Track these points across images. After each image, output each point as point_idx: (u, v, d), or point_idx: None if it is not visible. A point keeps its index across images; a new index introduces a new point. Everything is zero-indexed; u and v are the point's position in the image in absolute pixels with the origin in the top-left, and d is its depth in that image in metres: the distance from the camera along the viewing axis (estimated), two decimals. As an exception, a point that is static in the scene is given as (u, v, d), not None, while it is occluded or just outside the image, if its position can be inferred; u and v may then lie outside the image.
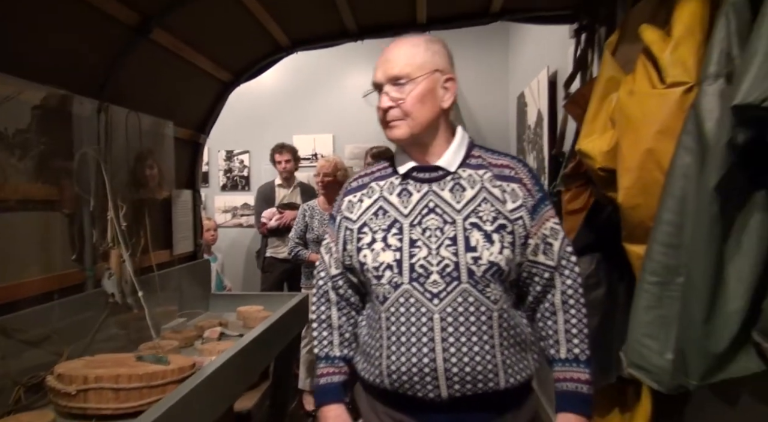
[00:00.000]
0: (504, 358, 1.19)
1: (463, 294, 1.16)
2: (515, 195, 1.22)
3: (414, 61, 1.19)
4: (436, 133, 1.24)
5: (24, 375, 1.45)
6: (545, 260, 1.23)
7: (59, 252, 1.71)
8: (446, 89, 1.22)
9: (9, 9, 1.37)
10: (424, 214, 1.22)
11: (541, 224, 1.23)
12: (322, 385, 1.34)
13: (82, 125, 1.73)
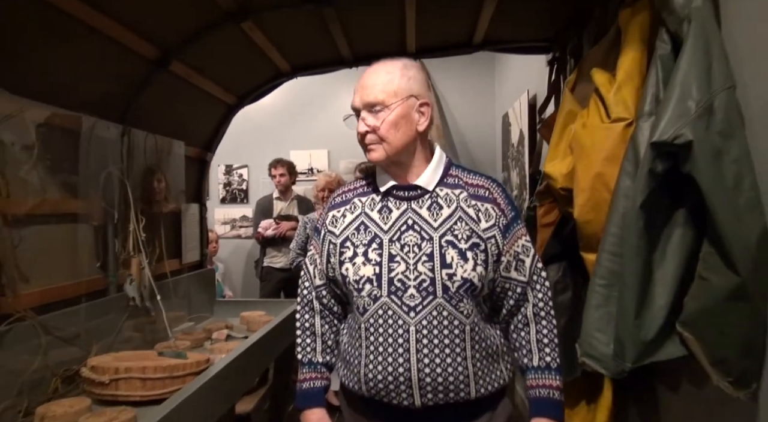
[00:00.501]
0: (475, 370, 1.24)
1: (437, 308, 1.21)
2: (488, 214, 1.27)
3: (389, 88, 1.23)
4: (413, 154, 1.29)
5: (59, 368, 1.65)
6: (517, 276, 1.29)
7: (86, 260, 1.91)
8: (421, 113, 1.27)
9: (46, 45, 1.59)
10: (402, 231, 1.27)
11: (513, 242, 1.29)
12: (304, 389, 1.37)
13: (107, 147, 1.95)
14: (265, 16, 2.05)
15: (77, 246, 1.86)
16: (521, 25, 2.52)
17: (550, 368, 1.27)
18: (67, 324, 1.74)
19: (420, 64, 1.32)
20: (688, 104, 1.14)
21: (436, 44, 2.75)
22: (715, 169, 1.11)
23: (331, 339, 1.40)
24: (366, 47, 2.69)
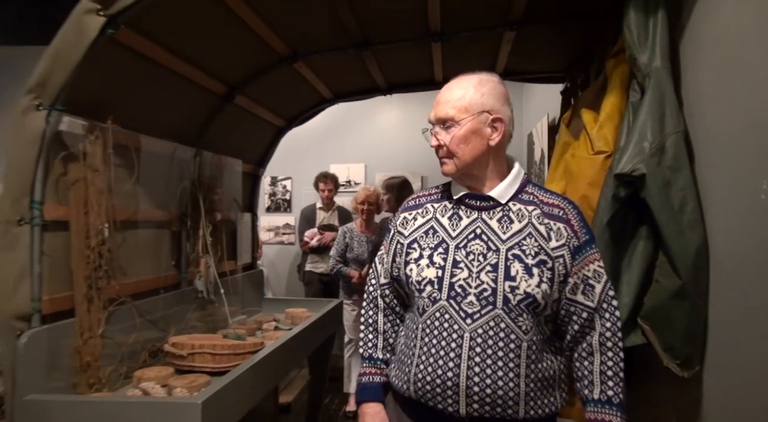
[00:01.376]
0: (527, 390, 1.21)
1: (495, 319, 1.21)
2: (560, 234, 1.26)
3: (460, 104, 1.26)
4: (486, 167, 1.31)
5: (147, 343, 2.06)
6: (584, 300, 1.27)
7: (165, 258, 2.33)
8: (494, 128, 1.28)
9: (144, 89, 2.02)
10: (470, 239, 1.28)
11: (584, 265, 1.27)
12: (363, 383, 1.41)
13: (184, 166, 2.37)
14: (314, 57, 2.45)
15: (159, 247, 2.28)
16: (537, 58, 2.83)
17: (611, 403, 1.23)
18: (152, 309, 2.16)
19: (499, 78, 1.33)
20: (644, 145, 1.45)
21: (402, 79, 3.06)
22: (664, 195, 1.42)
23: (393, 337, 1.42)
24: (399, 77, 3.06)
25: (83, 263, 1.71)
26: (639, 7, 1.57)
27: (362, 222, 3.90)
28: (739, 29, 1.30)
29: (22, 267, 1.50)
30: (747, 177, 1.24)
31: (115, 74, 1.74)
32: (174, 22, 1.74)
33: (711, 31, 1.43)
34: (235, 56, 2.24)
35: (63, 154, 1.63)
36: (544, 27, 2.27)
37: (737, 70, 1.30)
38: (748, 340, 1.24)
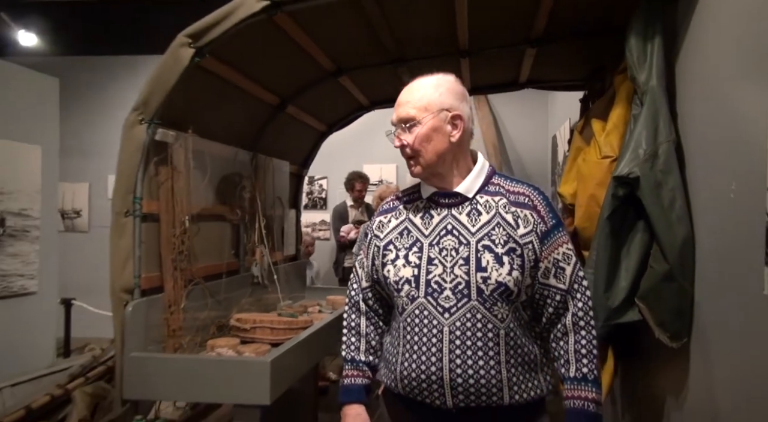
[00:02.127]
0: (510, 375, 1.25)
1: (471, 311, 1.25)
2: (527, 220, 1.29)
3: (420, 104, 1.29)
4: (451, 164, 1.34)
5: (215, 319, 2.42)
6: (556, 283, 1.30)
7: (227, 248, 2.69)
8: (454, 125, 1.31)
9: (213, 102, 2.37)
10: (442, 235, 1.32)
11: (553, 249, 1.30)
12: (346, 385, 1.43)
13: (243, 168, 2.73)
14: (355, 72, 2.77)
15: (222, 238, 2.64)
16: (558, 69, 3.09)
17: (586, 379, 1.26)
18: (217, 290, 2.51)
19: (455, 78, 1.37)
20: (639, 151, 1.72)
21: (487, 83, 3.37)
22: (655, 195, 1.69)
23: (375, 339, 1.45)
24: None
25: (170, 248, 2.07)
26: (639, 34, 1.84)
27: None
28: (721, 55, 1.56)
29: (127, 250, 1.86)
30: (722, 179, 1.50)
31: (195, 91, 2.09)
32: (242, 47, 2.08)
33: (699, 55, 1.69)
34: (288, 72, 2.58)
35: (156, 159, 1.99)
36: (561, 43, 2.54)
37: (720, 89, 1.56)
38: (726, 315, 1.51)
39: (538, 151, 5.55)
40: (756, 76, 1.30)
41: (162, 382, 1.81)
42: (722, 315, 1.53)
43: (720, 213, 1.53)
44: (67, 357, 4.22)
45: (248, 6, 1.77)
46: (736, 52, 1.45)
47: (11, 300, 3.60)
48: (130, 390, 1.82)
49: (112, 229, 1.85)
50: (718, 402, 1.53)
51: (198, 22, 1.82)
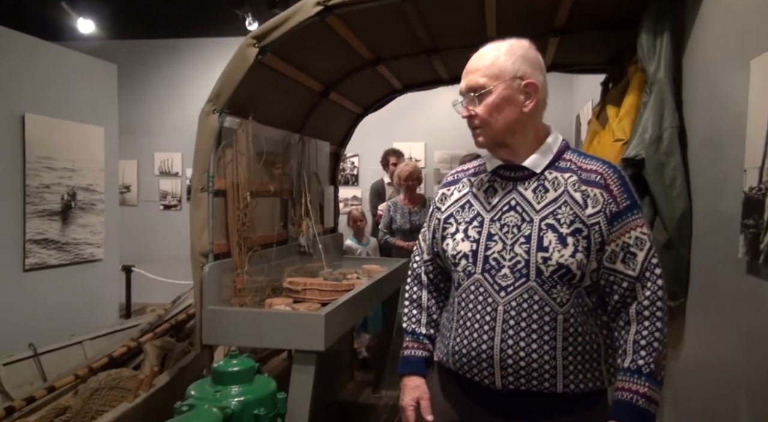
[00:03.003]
0: (566, 363, 1.20)
1: (528, 292, 1.20)
2: (596, 200, 1.20)
3: (490, 72, 1.23)
4: (520, 136, 1.26)
5: (270, 282, 2.77)
6: (624, 269, 1.20)
7: (277, 220, 3.03)
8: (527, 95, 1.23)
9: (269, 91, 2.67)
10: (504, 211, 1.26)
11: (624, 232, 1.20)
12: (405, 357, 1.42)
13: (291, 149, 3.04)
14: (392, 61, 3.04)
15: (274, 211, 2.98)
16: (580, 54, 3.30)
17: (640, 372, 1.17)
18: (269, 258, 2.86)
19: (530, 44, 1.29)
20: (645, 136, 1.97)
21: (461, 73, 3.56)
22: (658, 174, 1.94)
23: (436, 313, 1.42)
24: (460, 70, 3.59)
25: (235, 220, 2.41)
26: (649, 29, 2.07)
27: (406, 195, 4.34)
28: (717, 49, 1.79)
29: (203, 220, 2.21)
30: (715, 161, 1.75)
31: (255, 83, 2.40)
32: (295, 44, 2.37)
33: (701, 49, 1.92)
34: (332, 62, 2.87)
35: (224, 143, 2.32)
36: (581, 34, 2.76)
37: (716, 80, 1.79)
38: (714, 276, 1.77)
39: (563, 128, 5.72)
40: (738, 69, 1.54)
41: (235, 331, 2.17)
42: (711, 277, 1.79)
43: (712, 190, 1.78)
44: (128, 318, 4.69)
45: (305, 11, 2.06)
46: (728, 47, 1.68)
47: (82, 265, 4.04)
48: (208, 337, 2.19)
49: (192, 203, 2.20)
50: (710, 348, 1.81)
51: (262, 25, 2.11)
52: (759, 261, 1.37)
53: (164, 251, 6.34)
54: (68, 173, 3.89)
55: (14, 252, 3.50)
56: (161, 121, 6.55)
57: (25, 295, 3.54)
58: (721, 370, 1.69)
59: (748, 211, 1.44)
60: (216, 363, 1.36)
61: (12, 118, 3.47)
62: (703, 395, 1.83)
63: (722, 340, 1.70)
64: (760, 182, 1.37)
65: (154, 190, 6.65)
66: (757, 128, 1.38)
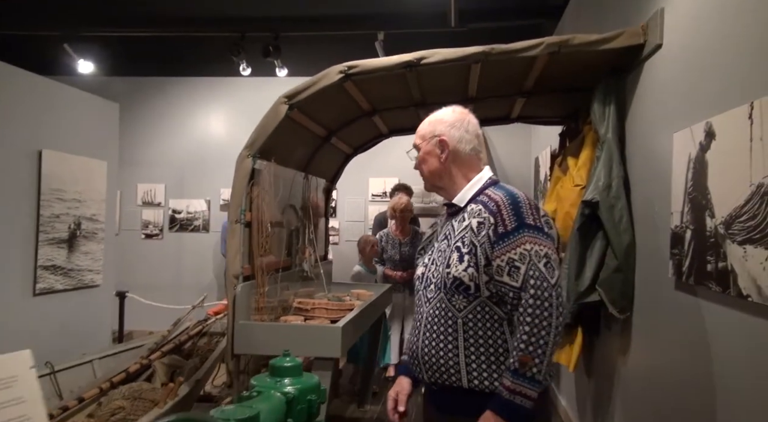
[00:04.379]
0: (468, 361, 1.42)
1: (439, 301, 1.49)
2: (486, 224, 1.44)
3: (420, 133, 1.63)
4: (448, 180, 1.58)
5: (281, 303, 3.14)
6: (510, 281, 1.40)
7: (283, 248, 3.42)
8: (442, 148, 1.56)
9: (286, 138, 3.11)
10: (441, 240, 1.57)
11: (510, 249, 1.40)
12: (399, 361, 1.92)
13: (297, 186, 3.47)
14: (386, 112, 3.54)
15: (281, 240, 3.37)
16: (542, 109, 3.90)
17: (509, 369, 1.37)
18: (279, 282, 3.24)
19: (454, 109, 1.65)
20: (599, 184, 2.51)
21: (485, 118, 4.14)
22: (609, 213, 2.48)
23: None
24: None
25: (258, 248, 2.80)
26: (600, 101, 2.65)
27: (397, 226, 4.80)
28: (650, 116, 2.37)
29: (236, 247, 2.60)
30: (651, 202, 2.30)
31: (279, 132, 2.84)
32: (311, 99, 2.83)
33: (639, 116, 2.50)
34: (337, 113, 3.34)
35: (252, 182, 2.73)
36: (546, 96, 3.34)
37: (648, 141, 2.36)
38: (652, 293, 2.30)
39: (523, 170, 6.38)
40: (665, 139, 2.10)
41: (264, 341, 2.54)
42: (650, 294, 2.32)
43: (649, 225, 2.33)
44: (120, 342, 4.88)
45: (330, 77, 2.53)
46: (656, 120, 2.26)
47: (82, 291, 4.27)
48: (239, 347, 2.54)
49: (228, 233, 2.59)
50: (652, 356, 2.32)
51: (293, 88, 2.57)
52: (683, 279, 1.90)
53: (146, 278, 6.53)
54: (75, 204, 4.16)
55: (26, 277, 3.73)
56: (145, 153, 6.82)
57: (35, 318, 3.75)
58: (661, 370, 2.20)
59: (674, 243, 1.97)
60: (273, 360, 1.66)
61: (31, 153, 3.75)
62: (649, 394, 2.33)
63: (660, 343, 2.22)
64: (681, 222, 1.90)
65: (137, 219, 6.86)
66: (678, 184, 1.93)
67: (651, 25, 2.29)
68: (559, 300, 1.37)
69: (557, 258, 1.44)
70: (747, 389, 1.51)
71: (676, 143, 1.99)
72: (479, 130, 1.64)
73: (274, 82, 6.38)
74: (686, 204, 1.86)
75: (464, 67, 2.75)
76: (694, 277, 1.80)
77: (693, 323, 1.85)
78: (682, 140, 1.93)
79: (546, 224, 1.46)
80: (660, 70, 2.25)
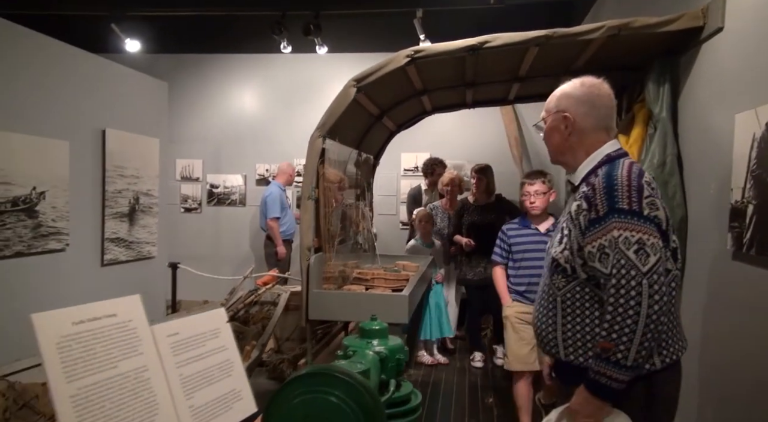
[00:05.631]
0: (565, 337, 1.49)
1: (545, 279, 1.59)
2: (581, 207, 1.46)
3: (548, 106, 1.62)
4: (570, 155, 1.58)
5: (341, 273, 3.34)
6: (600, 267, 1.40)
7: (339, 222, 3.60)
8: (565, 125, 1.55)
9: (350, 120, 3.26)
10: (564, 216, 1.60)
11: (601, 235, 1.40)
12: None
13: (350, 162, 3.63)
14: (434, 92, 3.67)
15: (338, 215, 3.55)
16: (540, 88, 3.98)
17: (594, 353, 1.41)
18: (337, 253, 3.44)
19: (583, 82, 1.59)
20: (654, 161, 2.64)
21: (527, 95, 4.25)
22: (664, 189, 2.61)
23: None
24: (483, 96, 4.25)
25: (325, 221, 2.99)
26: (654, 81, 2.75)
27: (447, 200, 4.88)
28: (705, 96, 2.48)
29: (309, 222, 2.78)
30: (706, 181, 2.43)
31: (345, 113, 2.99)
32: (377, 82, 2.96)
33: (692, 96, 2.61)
34: (392, 93, 3.48)
35: (320, 160, 2.90)
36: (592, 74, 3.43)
37: (705, 119, 2.48)
38: (711, 266, 2.45)
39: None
40: (725, 120, 2.22)
41: (336, 308, 2.75)
42: (704, 265, 2.47)
43: (703, 201, 2.47)
44: (174, 311, 5.15)
45: (397, 61, 2.67)
46: (715, 101, 2.37)
47: (141, 262, 4.51)
48: (313, 313, 2.76)
49: (302, 208, 2.77)
50: (704, 324, 2.49)
51: (362, 71, 2.71)
52: (743, 250, 2.05)
53: (187, 251, 6.79)
54: (134, 180, 4.36)
55: (95, 249, 3.96)
56: (182, 129, 7.00)
57: (102, 288, 4.00)
58: (716, 339, 2.36)
59: (734, 217, 2.12)
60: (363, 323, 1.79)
61: (95, 132, 3.94)
62: (707, 363, 2.50)
63: (715, 311, 2.38)
64: (743, 197, 2.05)
65: (176, 194, 7.08)
66: (741, 162, 2.06)
67: (712, 8, 2.39)
68: (654, 288, 1.33)
69: (657, 243, 1.37)
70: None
71: (738, 123, 2.11)
72: (612, 100, 1.61)
73: (309, 58, 6.48)
74: (749, 180, 2.00)
75: (522, 49, 2.86)
76: (756, 248, 1.95)
77: (752, 290, 2.01)
78: (745, 120, 2.05)
79: (649, 206, 1.41)
80: (720, 52, 2.36)
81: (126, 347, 0.99)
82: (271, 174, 6.85)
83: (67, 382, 0.85)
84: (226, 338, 1.16)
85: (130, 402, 0.95)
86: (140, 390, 0.97)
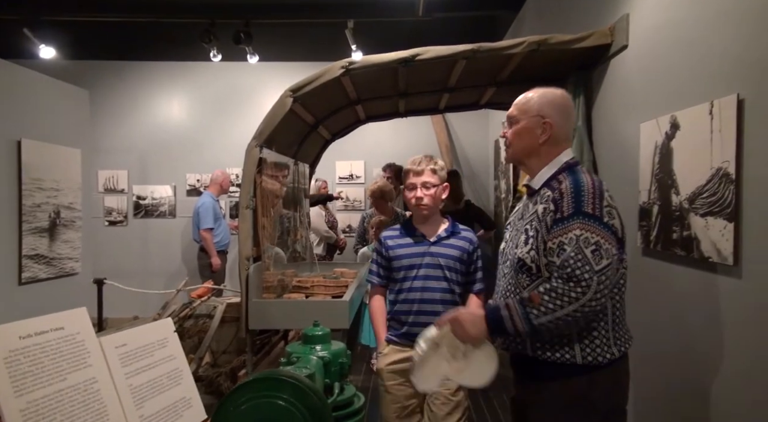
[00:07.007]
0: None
1: (509, 278, 1.62)
2: (548, 211, 1.51)
3: (523, 107, 1.65)
4: (536, 159, 1.63)
5: (281, 281, 3.34)
6: (554, 259, 1.48)
7: (275, 231, 3.60)
8: (543, 130, 1.59)
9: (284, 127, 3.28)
10: (518, 219, 1.68)
11: (564, 233, 1.46)
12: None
13: (291, 172, 3.64)
14: (368, 102, 3.76)
15: (275, 223, 3.55)
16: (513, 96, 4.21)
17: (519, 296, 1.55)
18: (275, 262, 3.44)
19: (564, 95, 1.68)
20: (572, 166, 2.86)
21: (456, 104, 4.44)
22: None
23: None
24: (412, 105, 4.40)
25: (263, 231, 2.99)
26: (571, 92, 2.96)
27: (377, 210, 4.88)
28: (614, 106, 2.73)
29: (247, 231, 2.78)
30: (618, 183, 2.67)
31: (282, 122, 3.01)
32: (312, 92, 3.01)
33: (603, 106, 2.86)
34: (327, 102, 3.53)
35: (258, 169, 2.90)
36: (516, 85, 3.65)
37: (614, 128, 2.72)
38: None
39: (481, 151, 6.76)
40: (633, 129, 2.46)
41: (276, 317, 2.75)
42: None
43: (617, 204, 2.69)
44: (100, 330, 4.90)
45: (332, 72, 2.73)
46: (622, 111, 2.62)
47: (63, 279, 4.28)
48: (253, 323, 2.75)
49: (240, 217, 2.76)
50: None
51: (298, 81, 2.75)
52: (650, 247, 2.27)
53: (113, 266, 6.48)
54: (54, 193, 4.14)
55: (11, 266, 3.72)
56: (105, 139, 6.69)
57: (20, 308, 3.76)
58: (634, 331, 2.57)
59: (642, 216, 2.34)
60: (306, 329, 1.85)
61: (9, 143, 3.72)
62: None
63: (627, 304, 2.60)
64: (649, 199, 2.27)
65: (98, 206, 6.75)
66: (646, 166, 2.29)
67: (618, 28, 2.64)
68: (599, 287, 1.41)
69: (611, 249, 1.46)
70: (709, 335, 1.90)
71: (643, 132, 2.34)
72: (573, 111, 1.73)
73: (240, 67, 6.40)
74: (653, 183, 2.23)
75: (451, 61, 3.01)
76: (661, 245, 2.17)
77: (659, 283, 2.23)
78: (648, 129, 2.28)
79: (608, 214, 1.51)
80: (625, 67, 2.61)
81: (74, 359, 0.98)
82: (202, 184, 6.69)
83: (16, 396, 0.85)
84: (173, 347, 1.17)
85: (81, 414, 0.95)
86: (90, 402, 0.97)
